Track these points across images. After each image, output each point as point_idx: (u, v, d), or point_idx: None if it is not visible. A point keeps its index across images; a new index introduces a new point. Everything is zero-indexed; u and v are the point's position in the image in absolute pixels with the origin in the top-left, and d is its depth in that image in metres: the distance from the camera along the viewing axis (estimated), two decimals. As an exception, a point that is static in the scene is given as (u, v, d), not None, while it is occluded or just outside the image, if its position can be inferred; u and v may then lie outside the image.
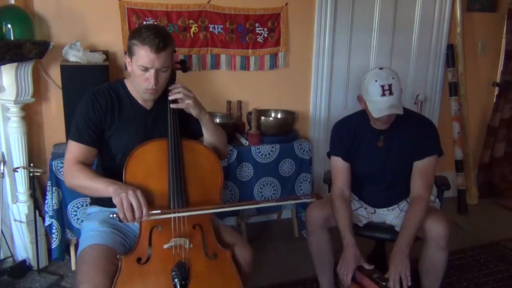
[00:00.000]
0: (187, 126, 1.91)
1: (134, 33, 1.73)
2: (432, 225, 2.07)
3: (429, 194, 2.18)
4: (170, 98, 1.79)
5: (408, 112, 2.20)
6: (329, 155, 2.34)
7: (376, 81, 2.03)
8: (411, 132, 2.18)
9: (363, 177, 2.27)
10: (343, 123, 2.32)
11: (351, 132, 2.25)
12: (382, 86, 2.00)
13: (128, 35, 1.76)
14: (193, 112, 1.81)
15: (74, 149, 1.78)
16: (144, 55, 1.68)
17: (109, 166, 1.88)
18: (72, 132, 1.80)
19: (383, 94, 2.01)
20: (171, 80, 1.86)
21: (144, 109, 1.87)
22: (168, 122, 1.77)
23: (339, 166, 2.25)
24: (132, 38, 1.72)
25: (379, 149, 2.21)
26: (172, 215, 1.66)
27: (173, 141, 1.74)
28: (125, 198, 1.54)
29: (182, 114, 1.84)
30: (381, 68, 2.10)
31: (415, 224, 2.06)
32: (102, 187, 1.65)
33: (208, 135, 1.91)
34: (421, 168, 2.17)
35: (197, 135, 1.94)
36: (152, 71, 1.71)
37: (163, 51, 1.69)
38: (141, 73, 1.73)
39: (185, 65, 2.00)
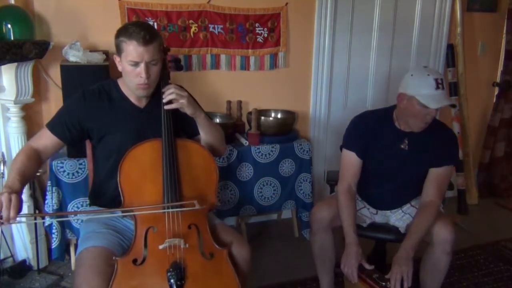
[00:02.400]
0: (183, 125, 1.91)
1: (120, 31, 1.75)
2: (439, 229, 2.07)
3: (440, 201, 2.18)
4: (164, 100, 1.78)
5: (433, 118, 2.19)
6: (341, 148, 2.29)
7: (428, 75, 2.02)
8: (434, 138, 2.16)
9: (374, 176, 2.24)
10: (364, 118, 2.27)
11: (372, 129, 2.21)
12: (436, 79, 2.01)
13: (115, 34, 1.76)
14: (188, 111, 1.80)
15: (43, 134, 1.81)
16: (132, 50, 1.69)
17: (103, 167, 1.88)
18: (50, 120, 1.83)
19: (438, 87, 2.00)
20: (165, 80, 1.85)
21: (138, 108, 1.87)
22: (162, 122, 1.77)
23: (352, 161, 2.21)
24: (118, 36, 1.73)
25: (401, 151, 2.18)
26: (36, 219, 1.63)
27: (167, 141, 1.74)
28: None
29: (177, 113, 1.83)
30: (425, 66, 2.12)
31: (423, 229, 2.06)
32: (6, 182, 1.61)
33: (204, 134, 1.91)
34: (438, 175, 2.16)
35: (193, 133, 1.94)
36: (142, 65, 1.71)
37: (150, 44, 1.69)
38: (131, 69, 1.73)
39: (178, 63, 1.99)
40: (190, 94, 1.84)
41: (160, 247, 1.62)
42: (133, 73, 1.73)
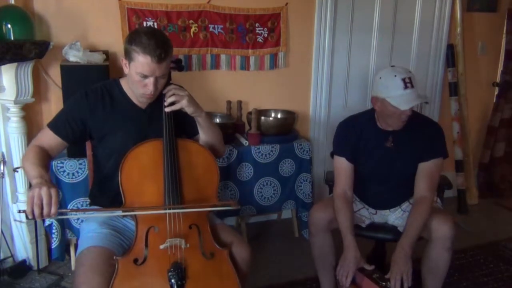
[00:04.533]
0: (183, 125, 1.90)
1: (133, 38, 1.68)
2: (438, 225, 2.07)
3: (433, 195, 2.19)
4: (165, 104, 1.78)
5: (416, 113, 2.20)
6: (332, 154, 2.31)
7: (395, 76, 2.03)
8: (419, 133, 2.17)
9: (368, 177, 2.25)
10: (349, 123, 2.30)
11: (358, 132, 2.23)
12: (403, 79, 2.02)
13: (126, 38, 1.73)
14: (188, 110, 1.80)
15: (45, 135, 1.80)
16: (144, 64, 1.66)
17: (104, 166, 1.88)
18: (52, 120, 1.82)
19: (406, 87, 2.01)
20: (167, 80, 1.85)
21: (139, 108, 1.87)
22: (163, 123, 1.77)
23: (343, 166, 2.23)
24: (131, 44, 1.67)
25: (388, 149, 2.19)
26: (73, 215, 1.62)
27: (168, 141, 1.74)
28: (37, 194, 1.49)
29: (177, 113, 1.83)
30: (392, 66, 2.11)
31: (419, 225, 2.06)
32: (32, 175, 1.60)
33: (203, 133, 1.91)
34: (427, 169, 2.16)
35: (193, 133, 1.94)
36: (151, 79, 1.70)
37: (164, 61, 1.68)
38: (139, 79, 1.71)
39: (180, 65, 1.99)
40: (189, 94, 1.84)
41: (161, 247, 1.62)
42: (140, 83, 1.73)
